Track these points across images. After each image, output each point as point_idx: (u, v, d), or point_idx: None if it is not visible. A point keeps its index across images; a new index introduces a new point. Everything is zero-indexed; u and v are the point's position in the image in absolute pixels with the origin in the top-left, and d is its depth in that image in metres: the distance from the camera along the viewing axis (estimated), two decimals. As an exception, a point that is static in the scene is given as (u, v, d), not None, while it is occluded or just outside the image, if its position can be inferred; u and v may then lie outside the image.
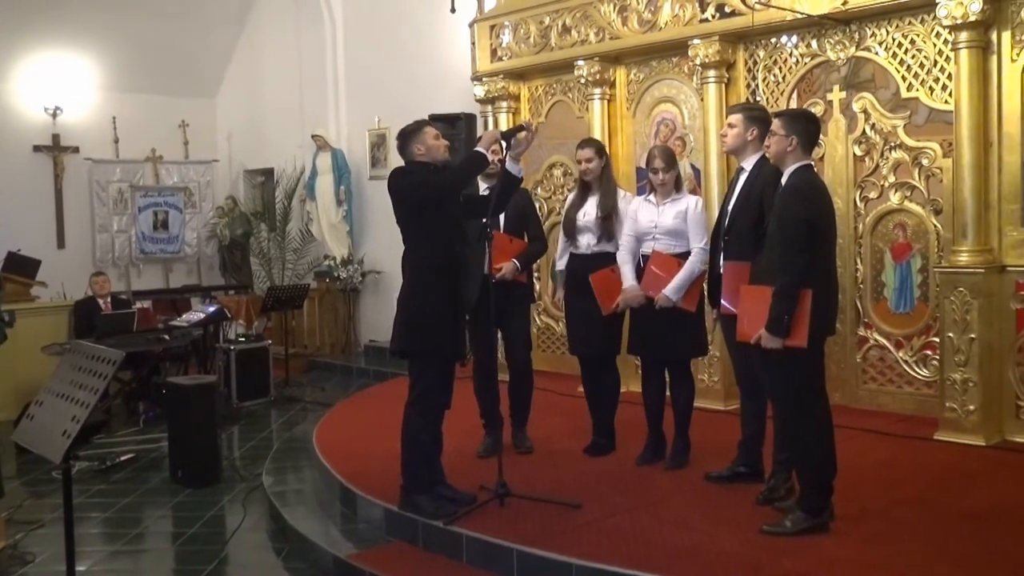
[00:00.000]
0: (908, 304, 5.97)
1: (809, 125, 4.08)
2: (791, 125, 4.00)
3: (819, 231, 3.93)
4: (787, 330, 3.87)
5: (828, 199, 4.14)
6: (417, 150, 4.50)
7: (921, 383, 5.88)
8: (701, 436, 5.21)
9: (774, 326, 3.89)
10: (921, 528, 4.09)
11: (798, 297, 3.86)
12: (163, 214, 12.04)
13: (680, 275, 4.83)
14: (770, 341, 3.92)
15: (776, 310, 3.88)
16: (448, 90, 9.35)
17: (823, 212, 3.99)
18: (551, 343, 7.98)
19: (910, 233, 5.94)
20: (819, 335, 3.99)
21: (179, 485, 6.09)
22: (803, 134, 3.99)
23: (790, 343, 3.88)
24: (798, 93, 6.60)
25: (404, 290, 4.49)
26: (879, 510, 4.31)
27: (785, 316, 3.86)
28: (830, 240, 4.09)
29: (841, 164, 6.16)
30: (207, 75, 12.59)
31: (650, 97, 7.17)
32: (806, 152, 4.04)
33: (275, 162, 11.82)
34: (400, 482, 4.61)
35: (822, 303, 3.94)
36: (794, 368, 3.96)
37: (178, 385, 6.37)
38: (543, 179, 7.95)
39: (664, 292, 4.85)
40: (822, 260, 3.99)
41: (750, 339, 4.03)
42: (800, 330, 3.87)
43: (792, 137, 3.98)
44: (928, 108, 5.89)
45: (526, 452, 5.43)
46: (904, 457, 5.18)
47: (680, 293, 4.84)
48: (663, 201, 4.98)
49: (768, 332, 3.91)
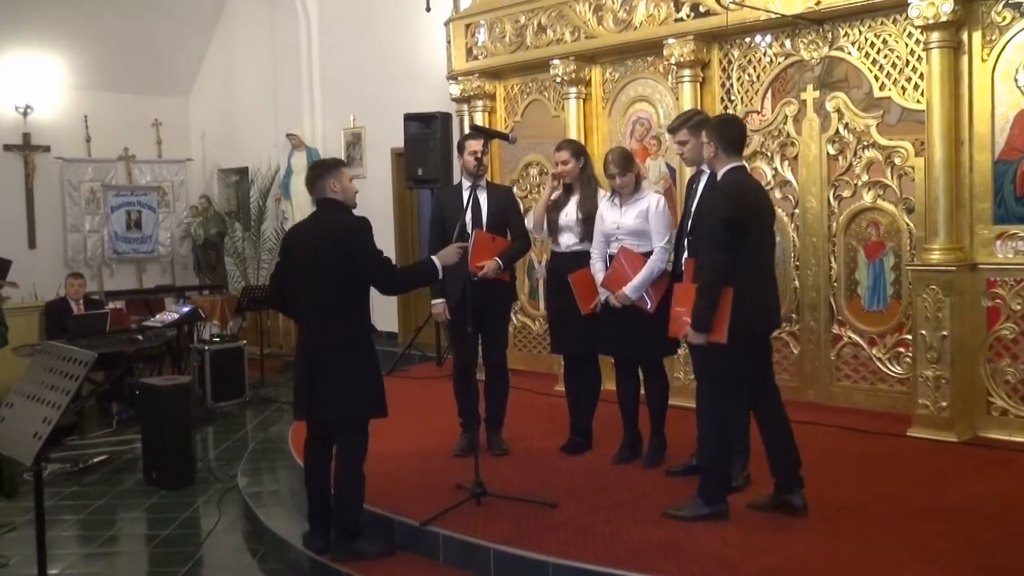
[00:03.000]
0: (881, 302, 6.02)
1: (728, 129, 4.21)
2: (711, 132, 4.20)
3: (741, 230, 4.01)
4: (708, 326, 4.04)
5: (757, 198, 4.19)
6: (332, 187, 4.27)
7: (894, 380, 5.93)
8: (678, 434, 5.22)
9: (696, 322, 4.08)
10: (895, 524, 4.12)
11: (719, 295, 4.00)
12: (136, 214, 11.94)
13: (640, 274, 4.83)
14: (694, 337, 4.12)
15: (698, 307, 4.06)
16: (424, 89, 9.33)
17: (747, 211, 4.06)
18: (528, 342, 7.99)
19: (883, 231, 5.99)
20: (745, 332, 4.05)
21: (153, 487, 6.04)
22: (723, 139, 4.15)
23: (711, 339, 4.06)
24: (772, 92, 6.65)
25: (341, 355, 4.17)
26: (853, 506, 4.34)
27: (706, 313, 4.03)
28: (760, 238, 4.15)
29: (815, 163, 6.20)
30: (180, 73, 12.50)
31: (625, 96, 7.19)
32: (731, 155, 4.17)
33: (249, 161, 11.75)
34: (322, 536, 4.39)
35: (749, 300, 4.03)
36: (721, 362, 4.13)
37: (152, 386, 6.32)
38: (519, 178, 7.95)
39: (623, 290, 4.86)
40: (750, 258, 4.06)
41: (680, 335, 4.26)
42: (720, 326, 4.02)
43: (711, 143, 4.16)
44: (900, 107, 5.94)
45: (501, 455, 5.43)
46: (877, 454, 5.21)
47: (639, 292, 4.84)
48: (625, 201, 5.00)
49: (692, 328, 4.10)
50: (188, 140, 12.74)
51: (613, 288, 4.92)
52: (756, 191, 4.27)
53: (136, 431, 6.69)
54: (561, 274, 5.22)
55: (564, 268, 5.22)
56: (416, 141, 8.72)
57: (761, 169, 6.43)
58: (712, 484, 4.20)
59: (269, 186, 11.19)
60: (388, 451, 5.69)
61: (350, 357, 4.21)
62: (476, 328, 5.03)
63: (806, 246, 6.26)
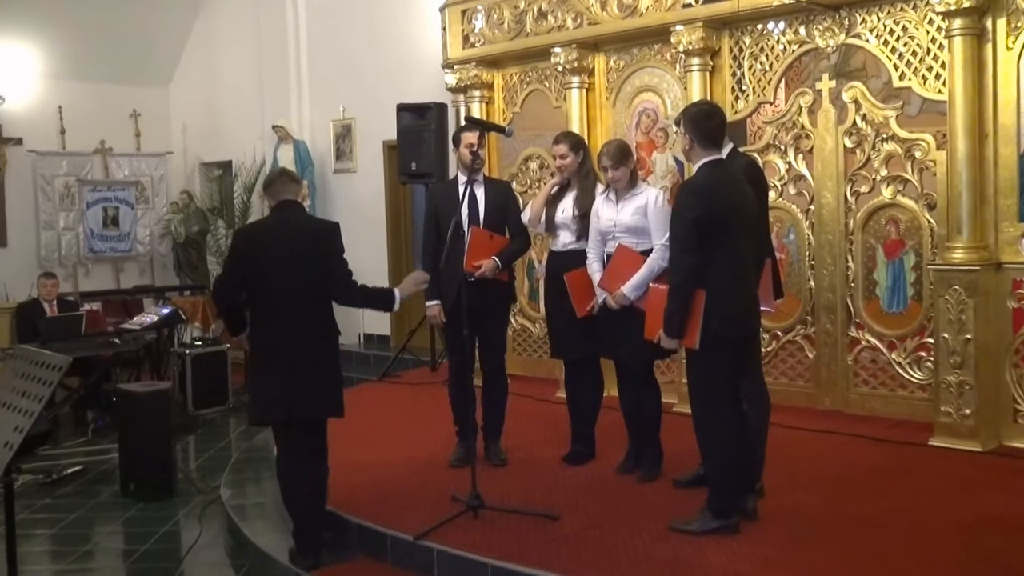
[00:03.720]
0: (901, 303, 6.03)
1: (707, 122, 4.21)
2: (688, 124, 4.21)
3: (713, 230, 4.01)
4: (680, 330, 4.07)
5: (729, 195, 4.12)
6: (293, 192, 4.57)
7: (915, 386, 5.94)
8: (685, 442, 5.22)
9: (667, 326, 4.12)
10: (915, 539, 4.12)
11: (690, 297, 4.02)
12: (113, 210, 11.93)
13: (639, 273, 4.82)
14: (666, 342, 4.17)
15: (668, 311, 4.10)
16: (418, 78, 9.33)
17: (716, 210, 4.03)
18: (527, 346, 7.99)
19: (903, 229, 6.00)
20: (720, 336, 4.05)
21: (130, 499, 6.04)
22: (699, 132, 4.17)
23: (684, 344, 4.10)
24: (786, 82, 6.66)
25: (318, 351, 4.40)
26: (871, 520, 4.34)
27: (676, 316, 4.06)
28: (732, 238, 4.08)
29: (831, 156, 6.21)
30: (160, 61, 12.48)
31: (631, 86, 7.20)
32: (707, 149, 4.18)
33: (233, 154, 11.74)
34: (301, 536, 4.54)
35: (727, 302, 4.04)
36: (699, 366, 4.18)
37: (129, 392, 6.32)
38: (519, 172, 7.95)
39: (621, 290, 4.86)
40: (726, 257, 4.05)
41: (654, 338, 4.27)
42: (692, 330, 4.05)
43: (688, 136, 4.19)
44: (921, 98, 5.95)
45: (500, 465, 5.43)
46: (897, 464, 5.22)
47: (639, 292, 4.82)
48: (621, 197, 4.99)
49: (663, 332, 4.14)
50: (168, 132, 12.71)
51: (611, 288, 4.92)
52: (731, 186, 4.17)
53: (113, 440, 6.69)
54: (559, 274, 5.23)
55: (562, 268, 5.23)
56: (409, 133, 8.72)
57: (774, 163, 6.44)
58: (720, 495, 4.20)
59: (254, 181, 11.16)
60: (380, 461, 5.70)
61: (329, 354, 4.49)
62: (473, 331, 5.04)
63: (821, 244, 6.27)
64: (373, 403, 7.58)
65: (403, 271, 10.24)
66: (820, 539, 4.12)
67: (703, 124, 4.18)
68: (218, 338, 9.63)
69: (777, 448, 4.87)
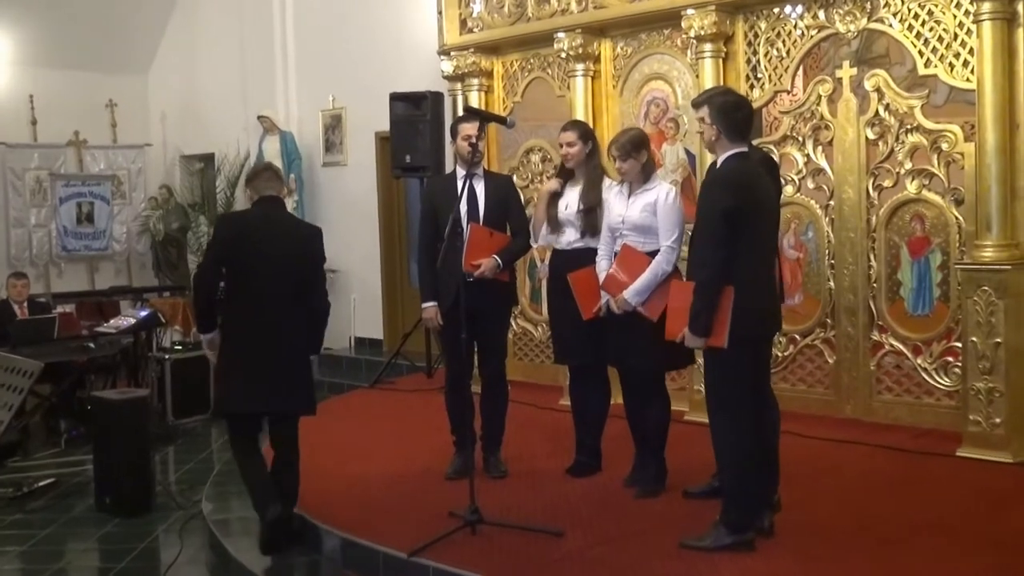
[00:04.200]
0: (927, 305, 6.02)
1: (735, 113, 4.22)
2: (715, 114, 4.20)
3: (741, 224, 4.04)
4: (707, 329, 4.07)
5: (757, 189, 4.21)
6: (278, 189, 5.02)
7: (941, 393, 5.93)
8: (693, 451, 5.22)
9: (693, 324, 4.12)
10: (943, 556, 4.11)
11: (719, 294, 4.03)
12: (88, 206, 11.92)
13: (642, 277, 4.79)
14: (691, 340, 4.17)
15: (695, 308, 4.10)
16: (412, 65, 9.33)
17: (747, 203, 4.08)
18: (529, 350, 7.99)
19: (929, 226, 5.99)
20: (747, 335, 4.09)
21: (106, 514, 6.03)
22: (726, 123, 4.18)
23: (710, 343, 4.09)
24: (804, 70, 6.65)
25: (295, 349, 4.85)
26: (895, 536, 4.34)
27: (703, 314, 4.07)
28: (761, 233, 4.18)
29: (852, 149, 6.20)
30: (138, 47, 12.48)
31: (639, 74, 7.19)
32: (735, 141, 4.20)
33: (216, 147, 11.74)
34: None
35: (749, 301, 4.07)
36: (718, 368, 4.17)
37: (105, 400, 6.31)
38: (519, 165, 7.95)
39: (623, 295, 4.84)
40: (750, 254, 4.09)
41: (676, 337, 4.27)
42: (720, 329, 4.05)
43: (715, 127, 4.19)
44: (948, 86, 5.94)
45: (500, 477, 5.43)
46: (923, 476, 5.21)
47: (641, 297, 4.80)
48: (634, 191, 4.97)
49: (689, 331, 4.13)
50: (146, 123, 12.72)
51: (612, 291, 4.91)
52: (759, 180, 4.27)
53: (87, 451, 6.67)
54: (563, 274, 5.22)
55: (566, 268, 5.22)
56: (403, 124, 8.72)
57: (791, 156, 6.43)
58: (735, 509, 4.19)
59: (238, 175, 11.15)
60: (371, 473, 5.70)
61: (304, 353, 4.96)
62: (471, 334, 5.03)
63: (842, 242, 6.26)
64: (365, 412, 7.58)
65: (397, 271, 10.27)
66: (840, 557, 4.11)
67: (732, 115, 4.19)
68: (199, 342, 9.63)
69: (794, 459, 4.86)
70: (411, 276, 9.84)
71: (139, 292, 10.92)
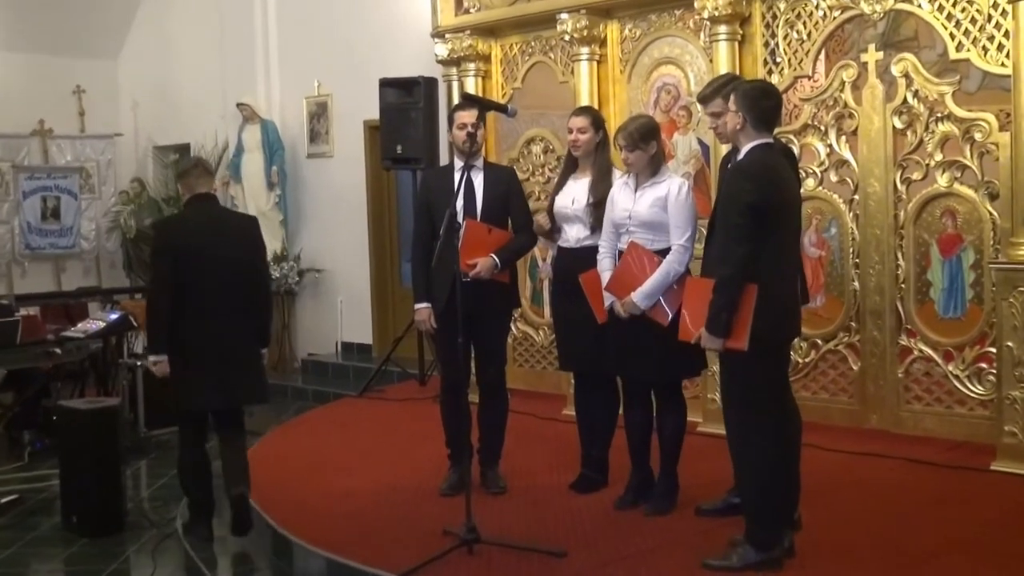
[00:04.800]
0: (959, 308, 6.03)
1: (764, 101, 4.25)
2: (742, 101, 4.22)
3: (767, 218, 4.06)
4: (727, 329, 4.07)
5: (784, 181, 4.26)
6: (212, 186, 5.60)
7: (975, 402, 5.93)
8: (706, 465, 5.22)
9: (711, 324, 4.11)
10: (976, 577, 4.12)
11: (740, 292, 4.03)
12: (54, 201, 11.92)
13: (653, 277, 4.78)
14: (709, 341, 4.17)
15: (715, 306, 4.10)
16: (404, 49, 9.33)
17: (773, 196, 4.12)
18: (530, 356, 7.99)
19: (961, 222, 6.00)
20: (769, 337, 4.11)
21: (73, 533, 6.02)
22: (754, 111, 4.20)
23: (729, 345, 4.09)
24: (826, 54, 6.65)
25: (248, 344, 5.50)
26: (926, 555, 4.35)
27: (723, 313, 4.07)
28: (786, 228, 4.22)
29: (878, 139, 6.21)
30: (107, 30, 12.48)
31: (648, 58, 7.20)
32: (761, 131, 4.22)
33: (191, 137, 11.74)
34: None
35: (773, 300, 4.08)
36: (738, 373, 4.17)
37: (72, 410, 6.30)
38: (519, 157, 7.96)
39: (631, 297, 4.84)
40: (773, 251, 4.11)
41: (692, 339, 4.29)
42: (740, 330, 4.05)
43: (741, 115, 4.20)
44: (981, 72, 5.94)
45: (498, 493, 5.43)
46: (955, 492, 5.22)
47: (651, 300, 4.80)
48: (641, 184, 4.97)
49: (707, 331, 4.13)
50: (117, 111, 12.72)
51: (619, 293, 4.91)
52: (785, 173, 4.32)
53: (53, 465, 6.66)
54: (569, 275, 5.22)
55: (573, 267, 5.22)
56: (394, 112, 8.72)
57: (813, 146, 6.44)
58: (760, 526, 4.19)
59: (216, 167, 11.17)
60: (359, 489, 5.70)
61: (256, 347, 5.62)
62: (468, 339, 5.03)
63: (867, 240, 6.27)
64: (353, 422, 7.58)
65: (387, 270, 10.27)
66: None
67: (760, 103, 4.22)
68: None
69: (816, 474, 4.87)
70: (403, 275, 9.86)
71: (109, 293, 10.89)
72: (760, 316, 4.04)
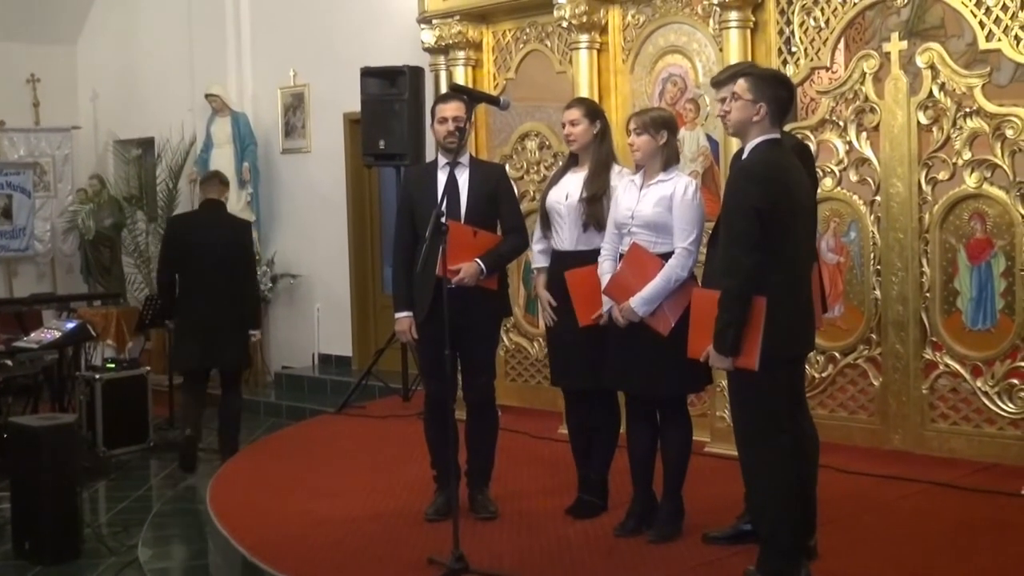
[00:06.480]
0: (989, 318, 6.04)
1: (781, 91, 4.25)
2: (760, 89, 4.18)
3: (774, 224, 4.04)
4: (734, 347, 4.06)
5: (794, 183, 4.21)
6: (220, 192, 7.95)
7: (1005, 421, 5.95)
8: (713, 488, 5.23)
9: (718, 342, 4.10)
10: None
11: (748, 306, 4.02)
12: (5, 199, 11.90)
13: (653, 283, 4.78)
14: (717, 360, 4.15)
15: (721, 322, 4.09)
16: (387, 36, 9.36)
17: (781, 200, 4.09)
18: (523, 370, 7.99)
19: (991, 226, 6.02)
20: (781, 352, 4.10)
21: (25, 561, 6.02)
22: (774, 101, 4.18)
23: (739, 363, 4.07)
24: (846, 43, 6.68)
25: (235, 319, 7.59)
26: (952, 587, 4.36)
27: (730, 330, 4.05)
28: (797, 234, 4.18)
29: (901, 135, 6.23)
30: (65, 14, 12.48)
31: (653, 46, 7.21)
32: (774, 124, 4.22)
33: (156, 130, 11.75)
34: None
35: (784, 313, 4.07)
36: (748, 391, 4.16)
37: (24, 427, 6.30)
38: (513, 153, 7.97)
39: (629, 303, 4.85)
40: (784, 260, 4.09)
41: (700, 356, 4.26)
42: (751, 348, 4.04)
43: (760, 105, 4.17)
44: (1013, 63, 5.98)
45: (488, 518, 5.43)
46: (983, 518, 5.23)
47: (650, 306, 4.80)
48: (647, 182, 4.98)
49: (714, 349, 4.11)
50: (75, 102, 12.72)
51: (617, 298, 4.92)
52: (794, 172, 4.27)
53: (4, 487, 6.66)
54: (562, 279, 5.24)
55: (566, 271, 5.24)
56: (376, 104, 8.73)
57: (831, 143, 6.45)
58: (774, 554, 4.18)
59: (182, 163, 11.18)
60: (340, 514, 5.70)
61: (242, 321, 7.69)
62: (454, 351, 5.03)
63: (890, 245, 6.29)
64: (331, 441, 7.58)
65: (369, 276, 10.28)
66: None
67: (782, 94, 4.22)
68: (136, 359, 9.62)
69: (834, 498, 4.88)
70: (385, 282, 9.86)
71: (65, 300, 10.88)
72: (771, 331, 4.03)
